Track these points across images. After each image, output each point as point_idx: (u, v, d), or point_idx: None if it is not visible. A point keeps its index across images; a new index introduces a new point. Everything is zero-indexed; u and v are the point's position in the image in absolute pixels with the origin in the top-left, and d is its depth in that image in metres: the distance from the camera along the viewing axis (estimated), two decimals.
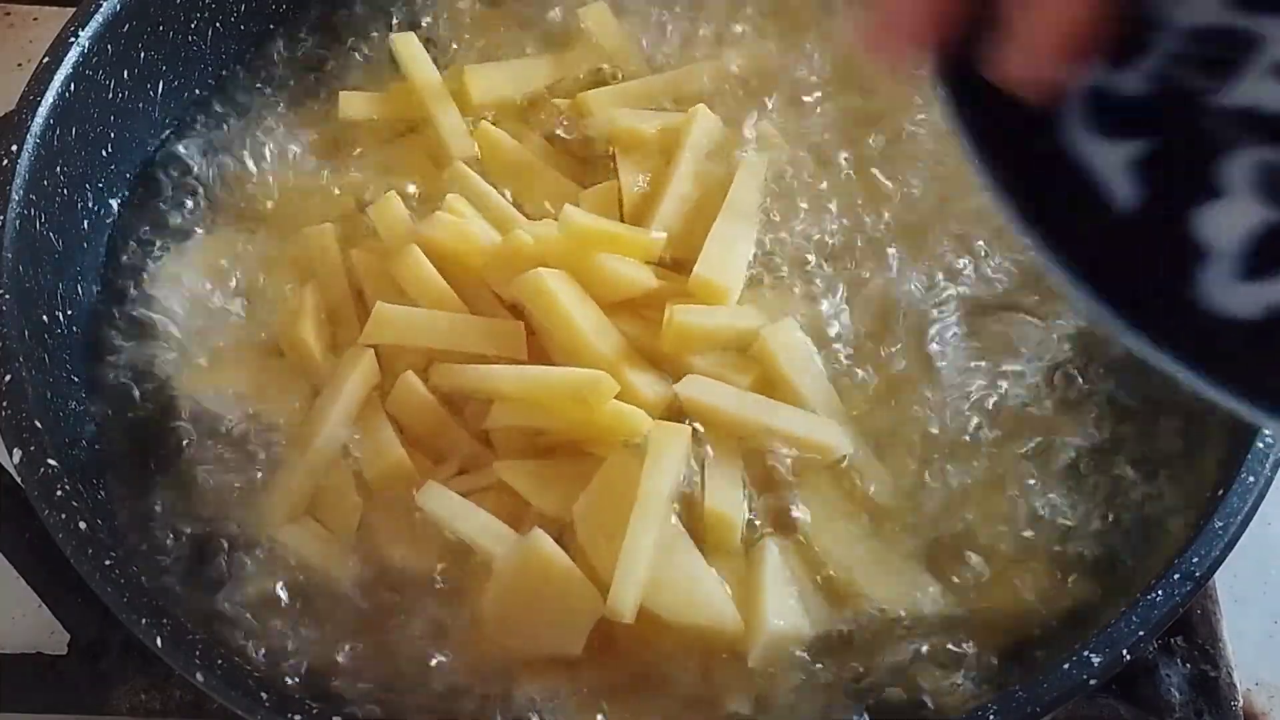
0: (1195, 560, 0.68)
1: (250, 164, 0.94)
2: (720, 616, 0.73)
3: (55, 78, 0.83)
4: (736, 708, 0.72)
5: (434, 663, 0.74)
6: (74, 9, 0.86)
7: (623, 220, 0.88)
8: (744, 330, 0.82)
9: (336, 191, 0.92)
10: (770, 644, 0.73)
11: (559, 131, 0.94)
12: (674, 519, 0.76)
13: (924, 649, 0.74)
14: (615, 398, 0.77)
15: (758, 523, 0.78)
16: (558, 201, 0.87)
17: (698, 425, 0.78)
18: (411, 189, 0.91)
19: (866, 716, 0.73)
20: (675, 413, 0.79)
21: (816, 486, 0.78)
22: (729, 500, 0.77)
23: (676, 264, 0.86)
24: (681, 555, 0.75)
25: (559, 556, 0.73)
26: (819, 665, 0.74)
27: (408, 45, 0.96)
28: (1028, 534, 0.78)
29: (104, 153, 0.89)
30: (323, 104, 0.97)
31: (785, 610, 0.74)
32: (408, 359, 0.82)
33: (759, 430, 0.78)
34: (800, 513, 0.77)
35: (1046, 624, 0.75)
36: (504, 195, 0.89)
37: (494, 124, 0.93)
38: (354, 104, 0.95)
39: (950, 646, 0.74)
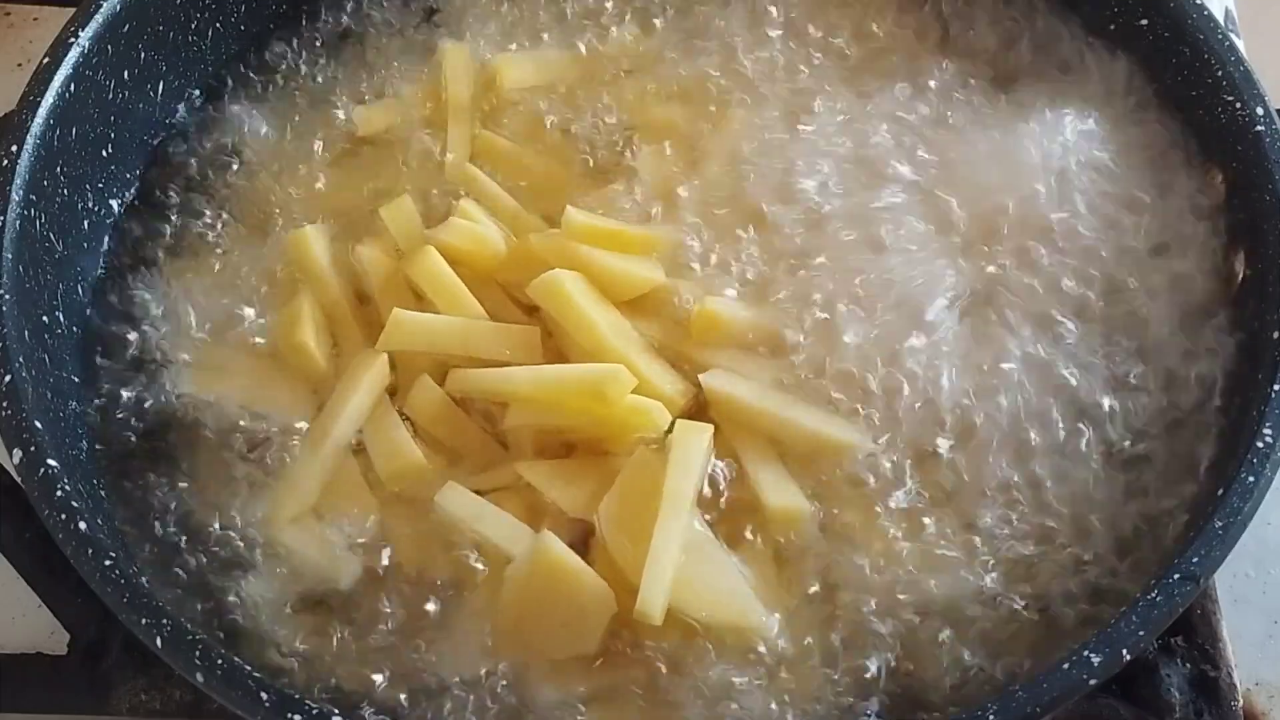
0: (1195, 560, 0.68)
1: (250, 165, 0.94)
2: (748, 612, 0.73)
3: (55, 78, 0.83)
4: (751, 703, 0.72)
5: (445, 663, 0.74)
6: (74, 9, 0.86)
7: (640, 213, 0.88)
8: (771, 325, 0.82)
9: (338, 193, 0.92)
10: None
11: (579, 121, 0.94)
12: (698, 516, 0.76)
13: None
14: (634, 393, 0.77)
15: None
16: (571, 202, 0.87)
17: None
18: (415, 190, 0.91)
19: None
20: (694, 413, 0.80)
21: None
22: (788, 494, 0.77)
23: None
24: (706, 553, 0.75)
25: (569, 557, 0.73)
26: (835, 661, 0.75)
27: (456, 58, 0.95)
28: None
29: (104, 153, 0.89)
30: (324, 103, 0.96)
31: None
32: (420, 360, 0.82)
33: (782, 425, 0.79)
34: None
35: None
36: (515, 199, 0.89)
37: (516, 114, 0.93)
38: (370, 118, 0.94)
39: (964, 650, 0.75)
